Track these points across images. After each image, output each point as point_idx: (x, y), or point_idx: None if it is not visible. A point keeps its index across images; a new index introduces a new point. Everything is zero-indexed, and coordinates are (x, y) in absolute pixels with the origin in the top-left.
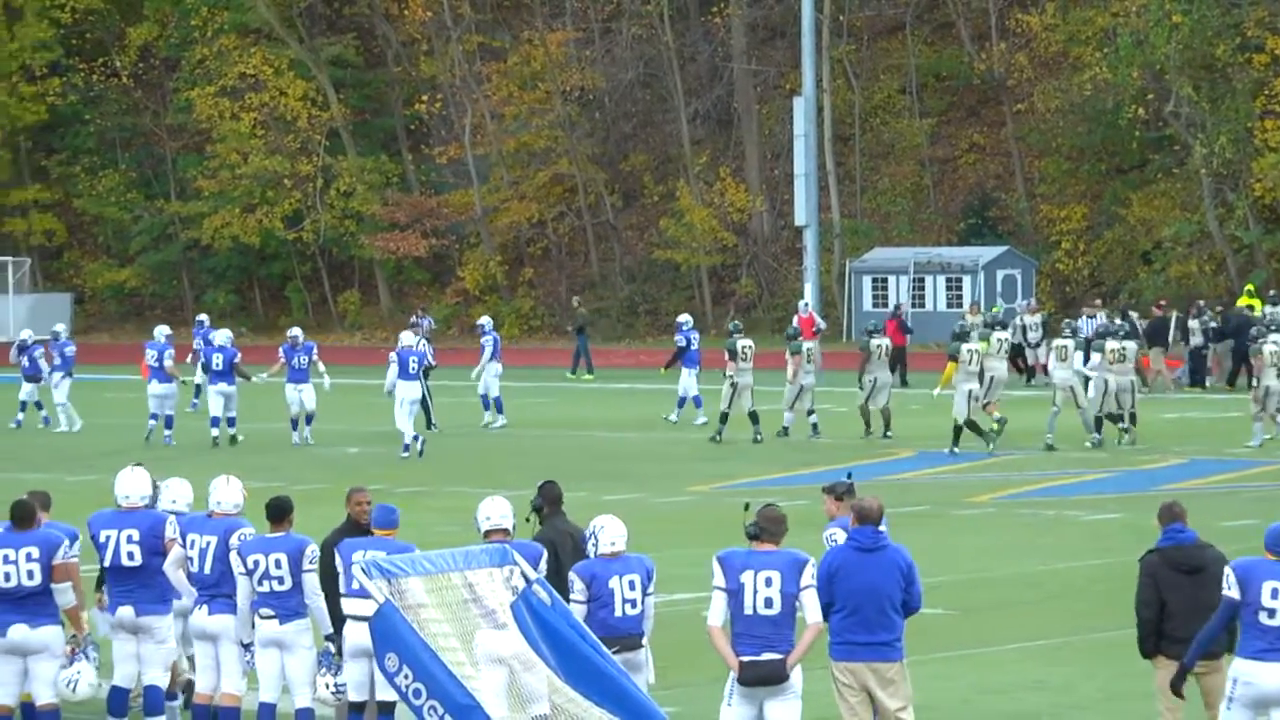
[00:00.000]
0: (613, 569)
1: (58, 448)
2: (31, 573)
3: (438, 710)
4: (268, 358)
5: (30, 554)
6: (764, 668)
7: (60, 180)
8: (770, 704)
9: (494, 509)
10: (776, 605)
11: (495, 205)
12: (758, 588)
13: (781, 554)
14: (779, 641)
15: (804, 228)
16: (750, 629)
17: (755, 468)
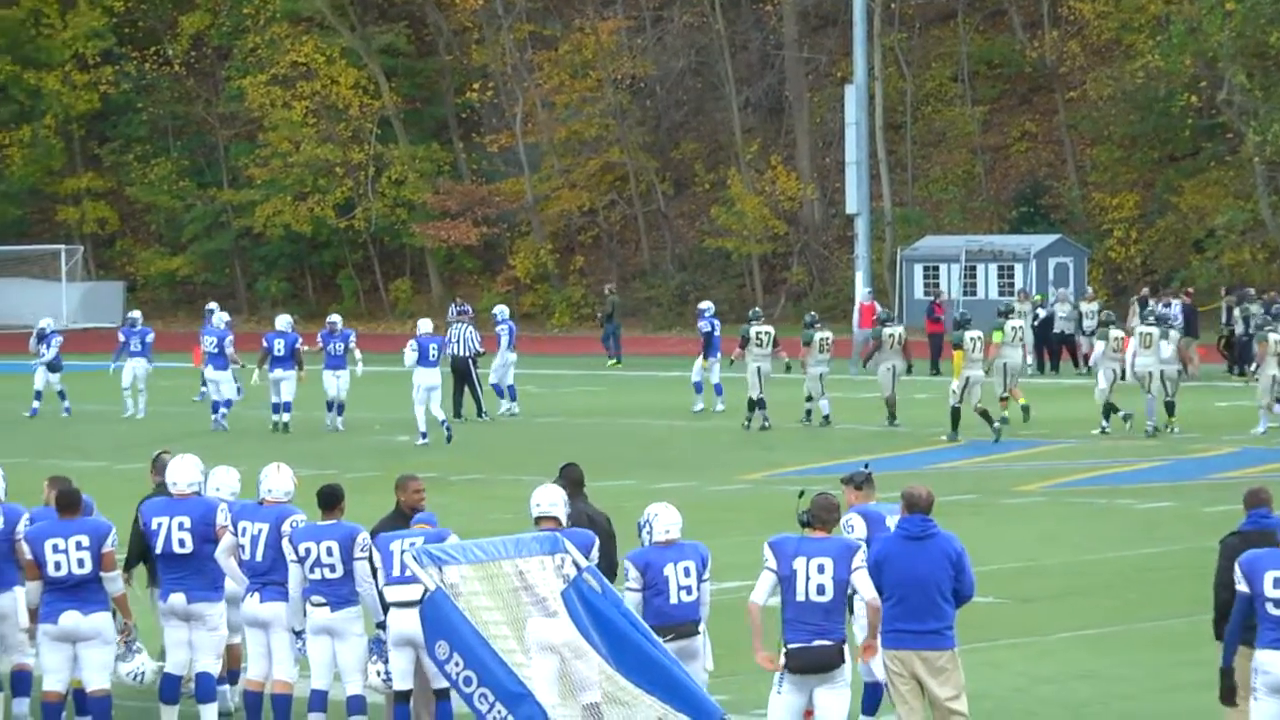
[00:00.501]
0: (667, 556)
1: (108, 435)
2: (82, 561)
3: (488, 698)
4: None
5: (80, 542)
6: (815, 654)
7: (113, 168)
8: (820, 692)
9: (546, 496)
10: (829, 592)
11: (546, 193)
12: (810, 574)
13: (833, 541)
14: (830, 629)
15: (855, 216)
16: (802, 616)
17: (806, 456)
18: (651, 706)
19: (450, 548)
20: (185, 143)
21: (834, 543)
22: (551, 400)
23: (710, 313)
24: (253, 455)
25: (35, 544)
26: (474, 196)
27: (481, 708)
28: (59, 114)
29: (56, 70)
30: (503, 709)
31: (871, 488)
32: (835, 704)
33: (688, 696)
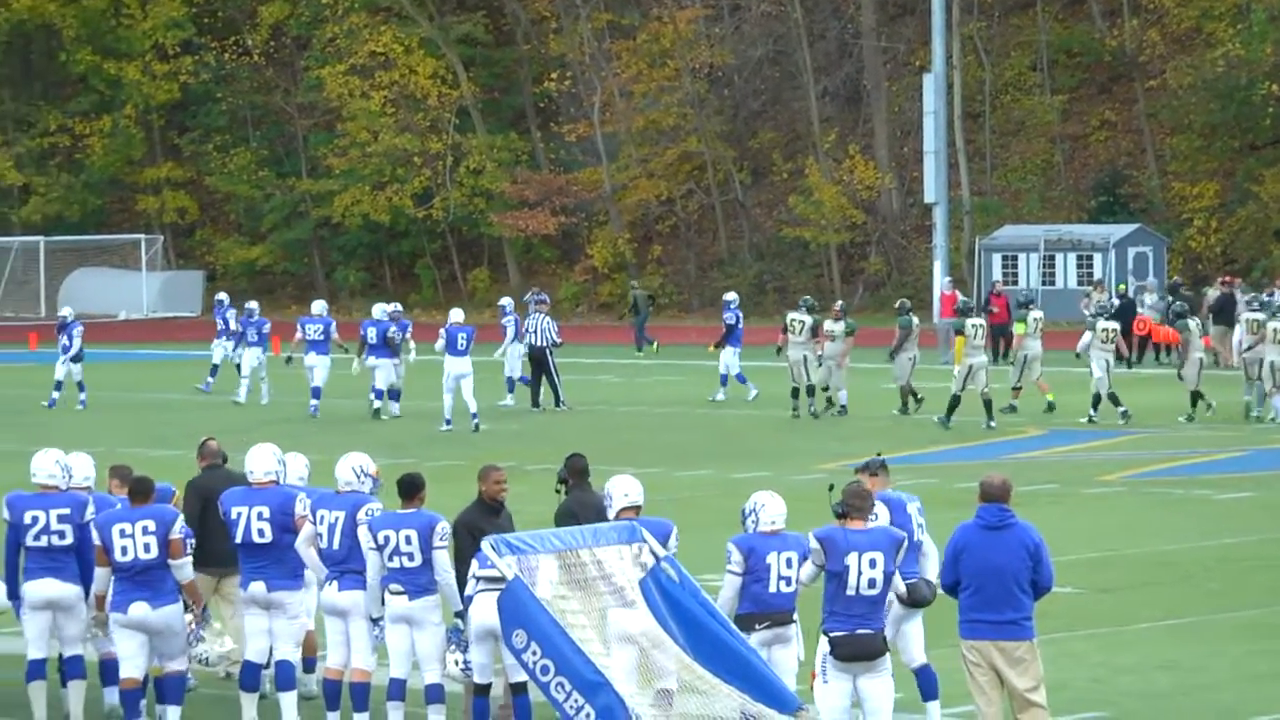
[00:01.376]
0: (771, 544)
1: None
2: (148, 546)
3: (565, 687)
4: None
5: (146, 527)
6: (860, 642)
7: (192, 158)
8: (864, 680)
9: (627, 487)
10: (878, 585)
11: (624, 183)
12: (862, 569)
13: (880, 533)
14: (873, 618)
15: (933, 205)
16: (849, 608)
17: (881, 446)
18: (729, 695)
19: (528, 536)
20: (264, 132)
21: (882, 536)
22: (629, 390)
23: (735, 304)
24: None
25: (104, 530)
26: (552, 186)
27: (559, 696)
28: (139, 104)
29: (137, 60)
30: (580, 698)
31: (886, 474)
32: (881, 692)
33: (765, 686)
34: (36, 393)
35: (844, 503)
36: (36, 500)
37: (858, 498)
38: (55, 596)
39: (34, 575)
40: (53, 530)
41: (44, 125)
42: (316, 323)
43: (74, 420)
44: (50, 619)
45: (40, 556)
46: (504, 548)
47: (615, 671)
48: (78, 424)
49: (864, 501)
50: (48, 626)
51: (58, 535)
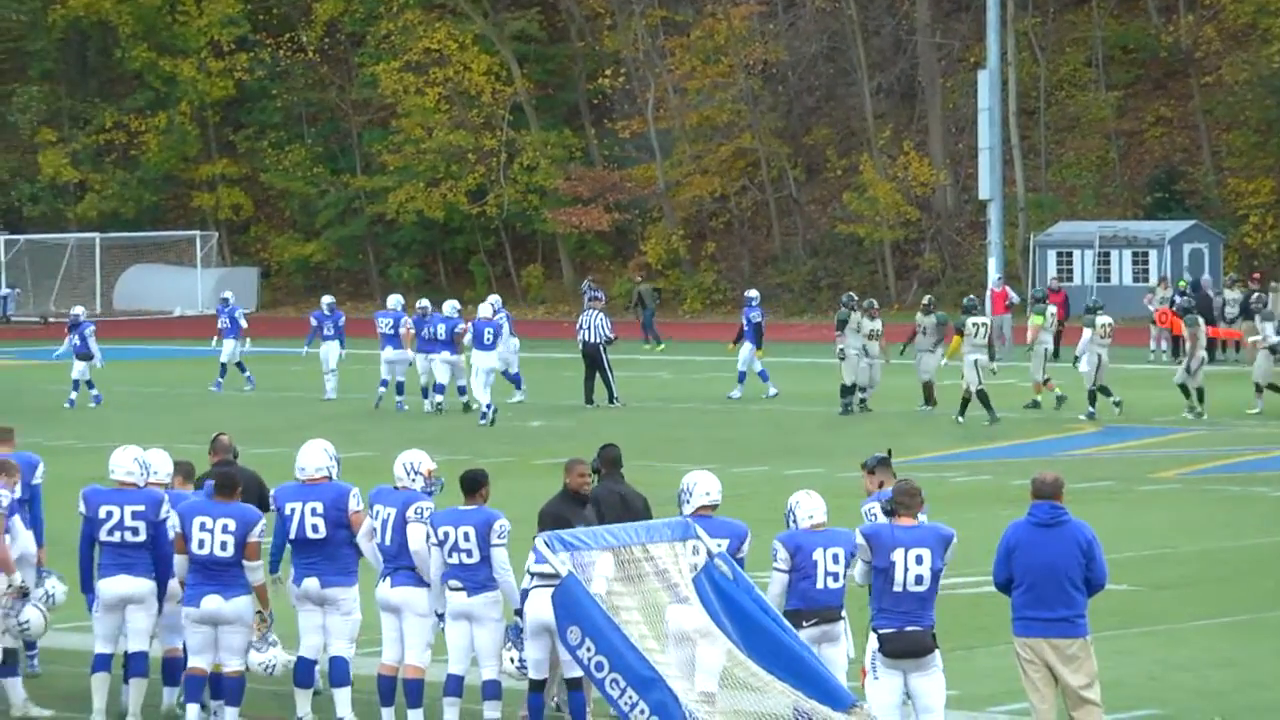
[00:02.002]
0: (818, 541)
1: (243, 420)
2: (225, 544)
3: (620, 683)
4: None
5: (226, 525)
6: (909, 639)
7: (247, 155)
8: (915, 677)
9: (709, 484)
10: (926, 582)
11: (678, 179)
12: (909, 565)
13: (928, 529)
14: (922, 615)
15: (988, 202)
16: (897, 605)
17: (936, 443)
18: (784, 693)
19: (582, 533)
20: (319, 129)
21: (929, 532)
22: (683, 386)
23: (757, 302)
24: (395, 440)
25: (185, 520)
26: (605, 182)
27: (613, 693)
28: (194, 101)
29: (192, 57)
30: (634, 694)
31: (885, 470)
32: (931, 689)
33: (820, 683)
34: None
35: (892, 500)
36: (113, 495)
37: (906, 495)
38: (127, 593)
39: (107, 572)
40: (127, 526)
41: (100, 122)
42: (388, 316)
43: (132, 416)
44: (121, 616)
45: (113, 552)
46: (558, 544)
47: (669, 668)
48: (136, 420)
49: (912, 499)
50: (118, 624)
51: (131, 531)
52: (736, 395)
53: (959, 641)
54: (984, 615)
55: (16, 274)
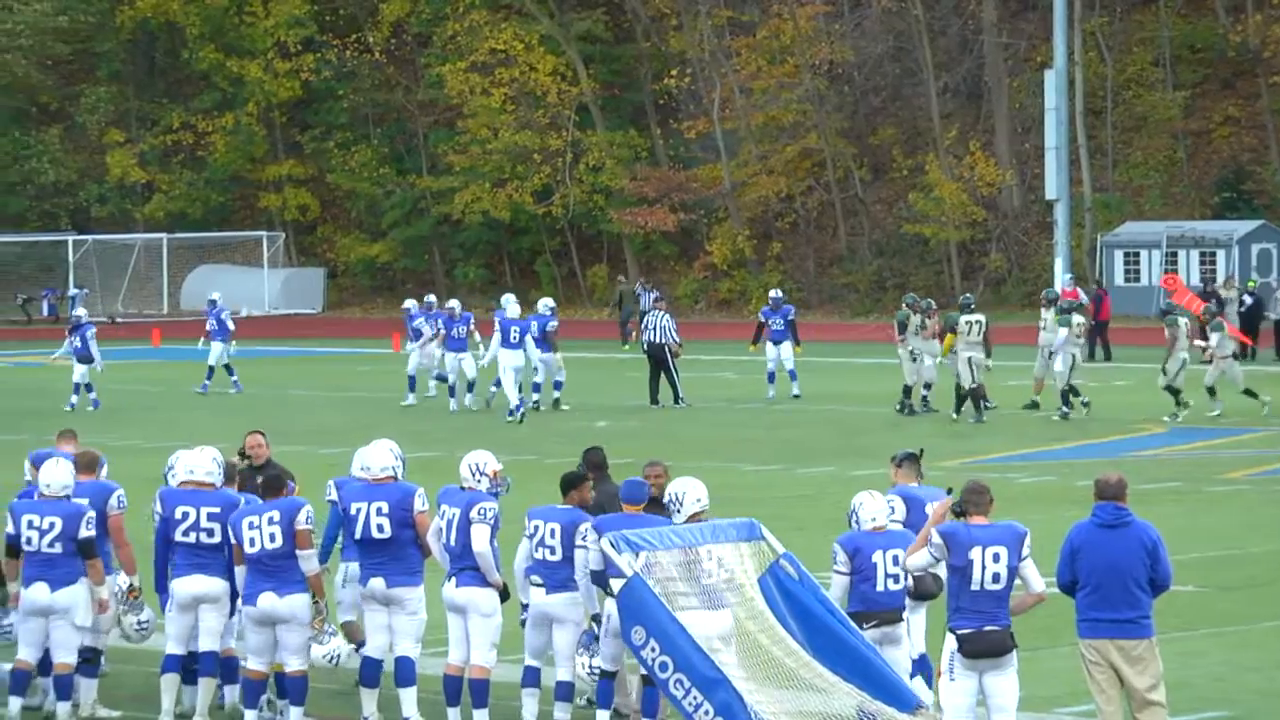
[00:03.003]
0: (877, 543)
1: (311, 420)
2: (274, 535)
3: (684, 684)
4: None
5: (272, 517)
6: (988, 638)
7: (314, 156)
8: (990, 677)
9: (698, 491)
10: (1003, 580)
11: (743, 180)
12: (985, 563)
13: (1003, 528)
14: (1000, 615)
15: (1054, 202)
16: (975, 604)
17: (1003, 443)
18: (849, 694)
19: (647, 533)
20: (385, 130)
21: (1004, 530)
22: (748, 387)
23: (781, 300)
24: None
25: (235, 527)
26: (671, 183)
27: (677, 693)
28: (261, 101)
29: (259, 58)
30: (698, 695)
31: (913, 467)
32: (1006, 689)
33: (886, 684)
34: (160, 389)
35: (961, 500)
36: (189, 496)
37: (974, 493)
38: (201, 593)
39: (181, 572)
40: (202, 527)
41: (167, 123)
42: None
43: (197, 416)
44: (194, 617)
45: (187, 552)
46: (623, 544)
47: (734, 668)
48: (204, 419)
49: (981, 496)
50: (191, 624)
51: (206, 533)
52: (797, 394)
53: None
54: (1047, 616)
55: (84, 274)
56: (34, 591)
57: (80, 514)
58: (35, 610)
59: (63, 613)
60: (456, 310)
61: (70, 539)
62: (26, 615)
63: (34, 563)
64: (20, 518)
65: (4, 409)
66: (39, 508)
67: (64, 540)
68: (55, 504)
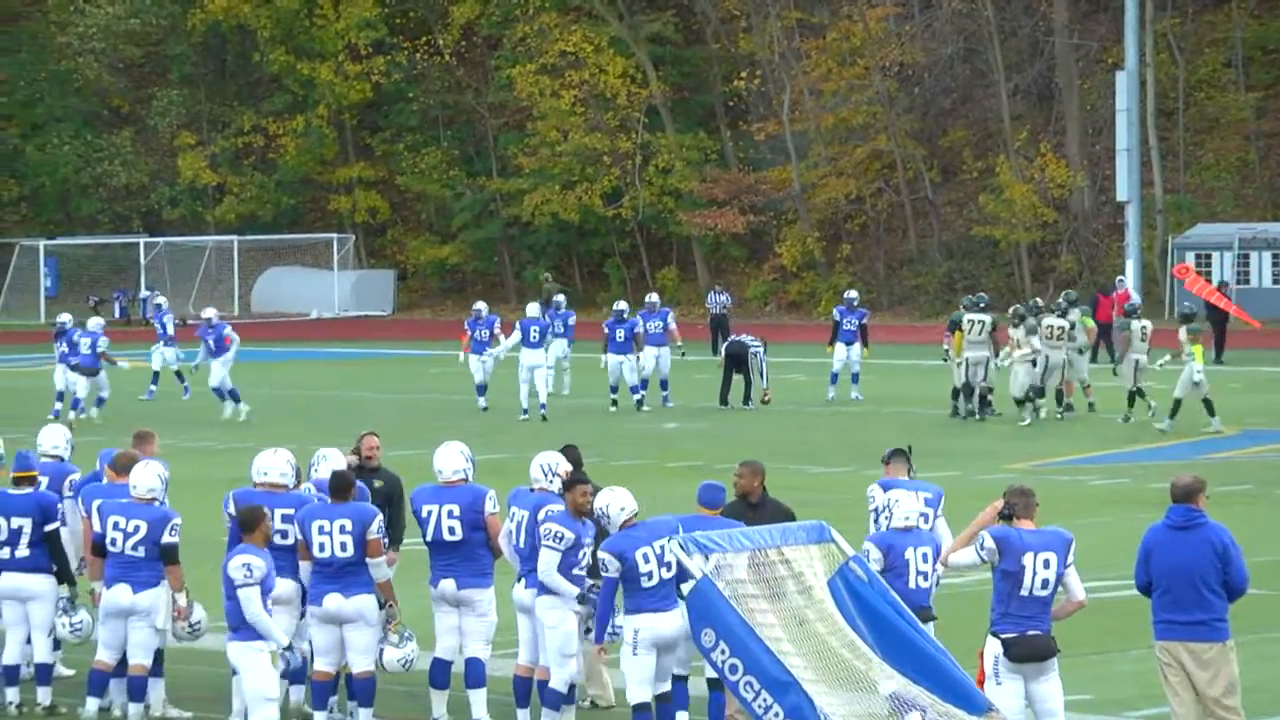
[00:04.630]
0: (908, 540)
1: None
2: (345, 545)
3: (754, 686)
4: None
5: (344, 526)
6: (1033, 643)
7: (384, 158)
8: (1035, 683)
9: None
10: (1050, 586)
11: (813, 181)
12: (1036, 569)
13: (1052, 534)
14: (1043, 620)
15: (1126, 204)
16: (1021, 609)
17: (1073, 445)
18: (919, 697)
19: (717, 535)
20: (455, 132)
21: (1054, 536)
22: (818, 389)
23: (856, 302)
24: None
25: (304, 526)
26: (741, 185)
27: (747, 695)
28: (331, 104)
29: (329, 61)
30: (768, 697)
31: (901, 462)
32: (1052, 693)
33: (956, 687)
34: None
35: (1007, 504)
36: (263, 498)
37: (1021, 496)
38: (275, 594)
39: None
40: (276, 529)
41: (238, 125)
42: (537, 324)
43: (274, 417)
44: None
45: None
46: (693, 546)
47: (805, 671)
48: (278, 421)
49: (1028, 500)
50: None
51: (280, 534)
52: (858, 396)
53: (1093, 645)
54: (1115, 618)
55: (156, 276)
56: (116, 593)
57: (166, 520)
58: (116, 612)
59: (143, 615)
60: (483, 313)
61: (154, 543)
62: (107, 616)
63: (118, 564)
64: (107, 519)
65: None
66: (126, 510)
67: (148, 544)
68: (142, 508)
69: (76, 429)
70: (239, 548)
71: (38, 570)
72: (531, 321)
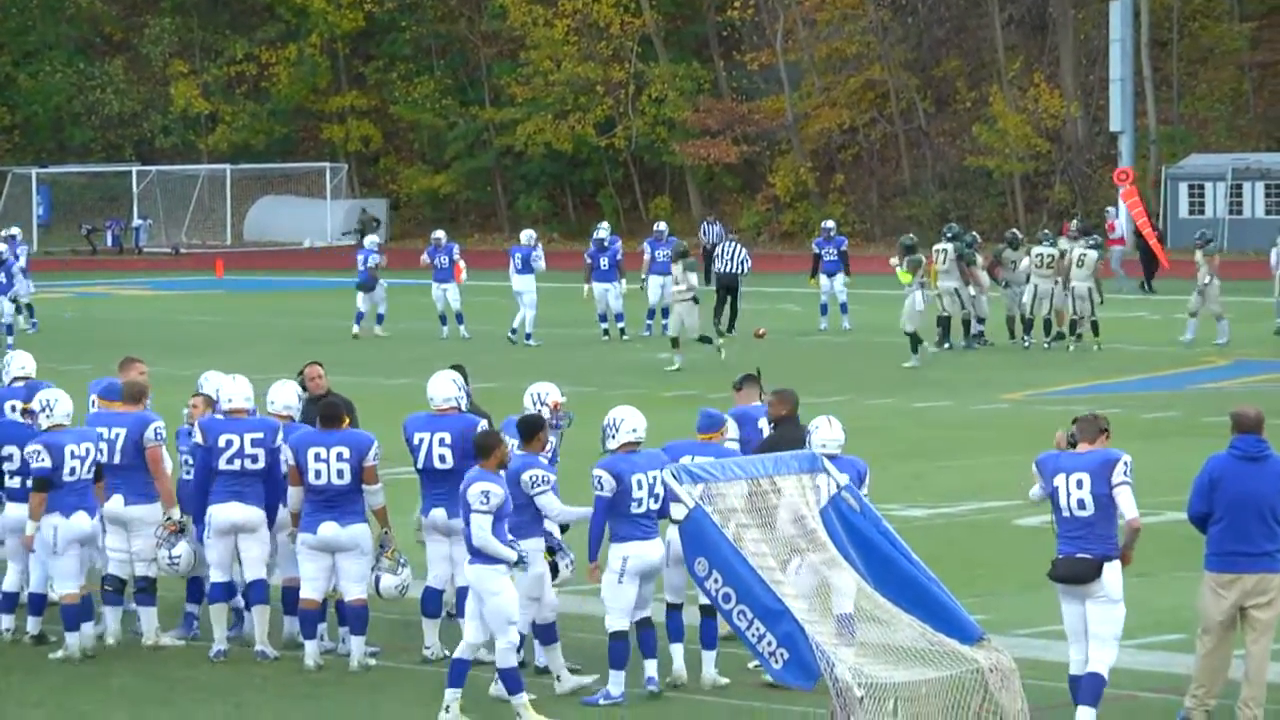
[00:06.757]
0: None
1: (372, 351)
2: (341, 472)
3: (747, 615)
4: (577, 263)
5: (341, 454)
6: (1074, 565)
7: (377, 87)
8: (1090, 605)
9: (635, 420)
10: (1090, 506)
11: (806, 111)
12: (1070, 489)
13: (1092, 454)
14: (1094, 542)
15: (1119, 134)
16: (1068, 530)
17: (1067, 375)
18: (910, 625)
19: (709, 465)
20: (448, 61)
21: (1092, 456)
22: (811, 320)
23: (833, 231)
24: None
25: (299, 451)
26: (734, 114)
27: (740, 624)
28: (325, 33)
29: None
30: (761, 626)
31: (752, 387)
32: (1102, 617)
33: (947, 616)
34: (223, 319)
35: (1075, 434)
36: (230, 424)
37: (1083, 422)
38: (240, 520)
39: (219, 499)
40: (246, 454)
41: (231, 54)
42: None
43: (264, 348)
44: (233, 543)
45: (229, 480)
46: (685, 476)
47: (797, 600)
48: (268, 351)
49: (1089, 426)
50: (231, 551)
51: (250, 459)
52: (848, 326)
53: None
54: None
55: (148, 205)
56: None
57: None
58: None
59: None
60: (442, 240)
61: None
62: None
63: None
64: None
65: (68, 340)
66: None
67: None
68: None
69: None
70: (476, 474)
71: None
72: (516, 249)
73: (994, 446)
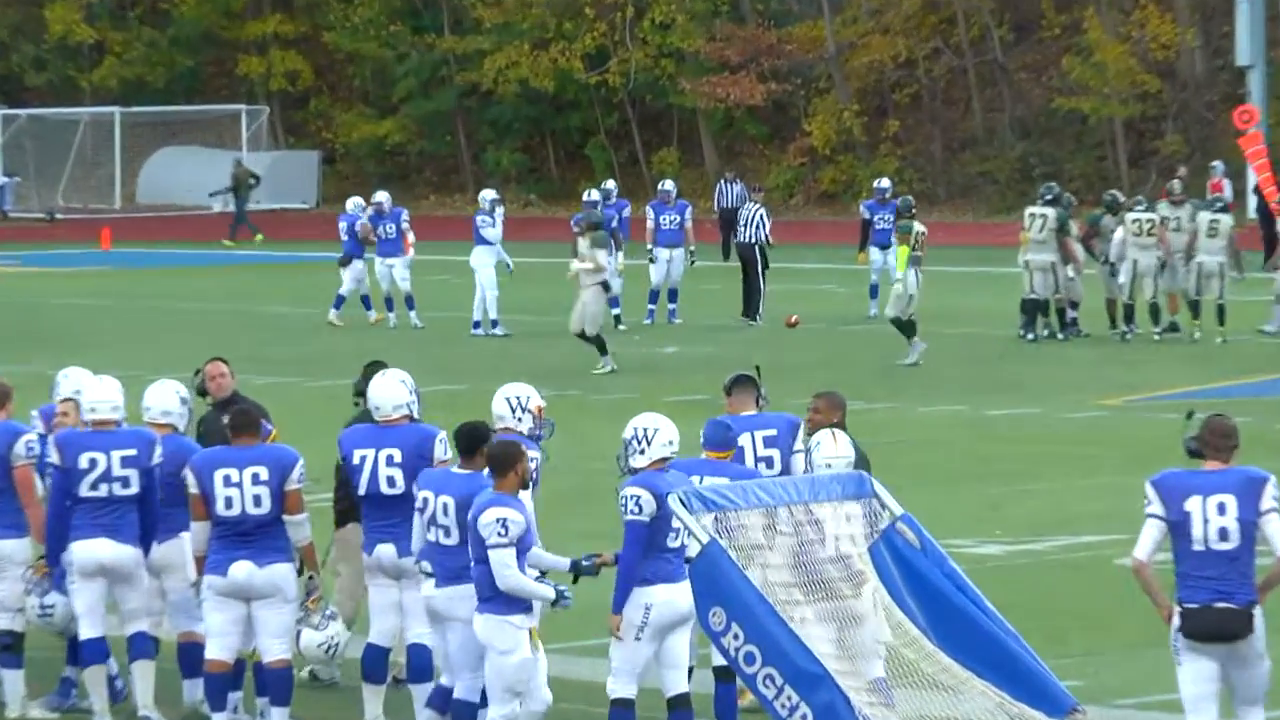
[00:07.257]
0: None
1: (301, 344)
2: (259, 498)
3: (775, 680)
4: (561, 233)
5: (257, 475)
6: (1215, 618)
7: (306, 10)
8: (1231, 665)
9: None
10: (1234, 537)
11: (852, 40)
12: (1208, 516)
13: (1233, 473)
14: (1236, 583)
15: (1248, 69)
16: (1200, 569)
17: (1177, 376)
18: (984, 693)
19: (728, 489)
20: None
21: (1234, 475)
22: (856, 304)
23: (889, 193)
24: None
25: (203, 475)
26: (760, 45)
27: (767, 692)
28: None
29: None
30: (793, 694)
31: (745, 391)
32: (1250, 679)
33: (1030, 681)
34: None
35: (1199, 438)
36: (95, 439)
37: (1217, 435)
38: (108, 560)
39: (84, 534)
40: (115, 477)
41: None
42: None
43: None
44: (104, 588)
45: (94, 510)
46: (696, 502)
47: (835, 660)
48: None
49: (1225, 441)
50: (102, 597)
51: (120, 483)
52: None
53: None
54: None
55: (16, 158)
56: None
57: None
58: None
59: None
60: (385, 206)
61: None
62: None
63: None
64: None
65: None
66: None
67: None
68: None
69: None
70: (491, 498)
71: None
72: (480, 212)
73: (1088, 466)
